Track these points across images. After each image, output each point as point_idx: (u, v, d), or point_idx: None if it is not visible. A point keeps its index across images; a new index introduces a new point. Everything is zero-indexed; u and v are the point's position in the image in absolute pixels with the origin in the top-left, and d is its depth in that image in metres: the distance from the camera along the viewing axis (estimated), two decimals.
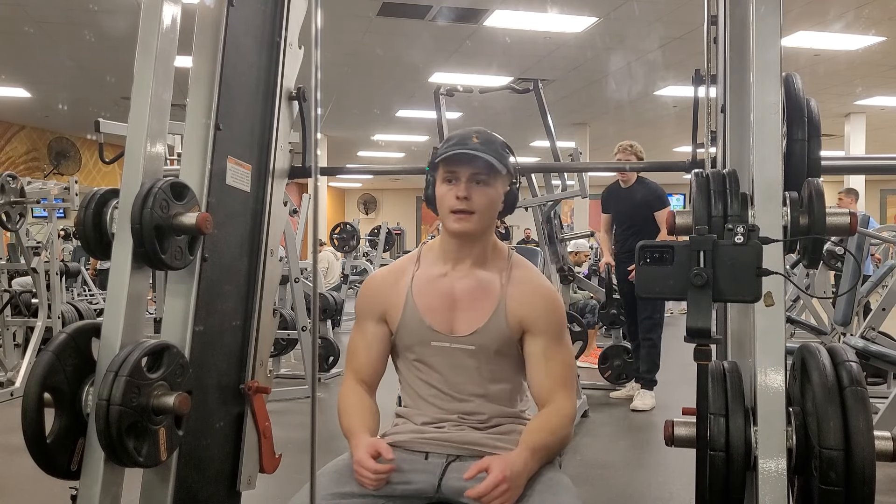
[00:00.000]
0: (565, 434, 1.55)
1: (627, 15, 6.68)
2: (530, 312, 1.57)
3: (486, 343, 1.57)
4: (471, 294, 1.59)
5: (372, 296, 1.66)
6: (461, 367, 1.58)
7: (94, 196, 1.56)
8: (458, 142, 1.56)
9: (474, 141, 1.55)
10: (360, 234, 10.05)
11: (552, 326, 1.59)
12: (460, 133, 1.59)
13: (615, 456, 3.84)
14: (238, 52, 1.78)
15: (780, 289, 1.28)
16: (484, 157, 1.52)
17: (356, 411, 1.58)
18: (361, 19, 6.92)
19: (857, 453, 1.15)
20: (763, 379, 1.26)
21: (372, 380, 1.64)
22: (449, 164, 1.55)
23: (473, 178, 1.54)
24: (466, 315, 1.58)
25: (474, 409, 1.58)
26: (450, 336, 1.58)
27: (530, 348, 1.58)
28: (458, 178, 1.55)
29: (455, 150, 1.54)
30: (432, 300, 1.59)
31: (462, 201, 1.53)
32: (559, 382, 1.56)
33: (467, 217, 1.54)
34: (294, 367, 5.92)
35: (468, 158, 1.53)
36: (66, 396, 1.44)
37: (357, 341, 1.66)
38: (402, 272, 1.65)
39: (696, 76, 1.76)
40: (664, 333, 4.78)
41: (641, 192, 4.70)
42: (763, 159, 1.36)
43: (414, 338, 1.60)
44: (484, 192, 1.55)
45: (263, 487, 1.95)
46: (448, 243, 1.61)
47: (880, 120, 11.71)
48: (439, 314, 1.58)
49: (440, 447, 1.56)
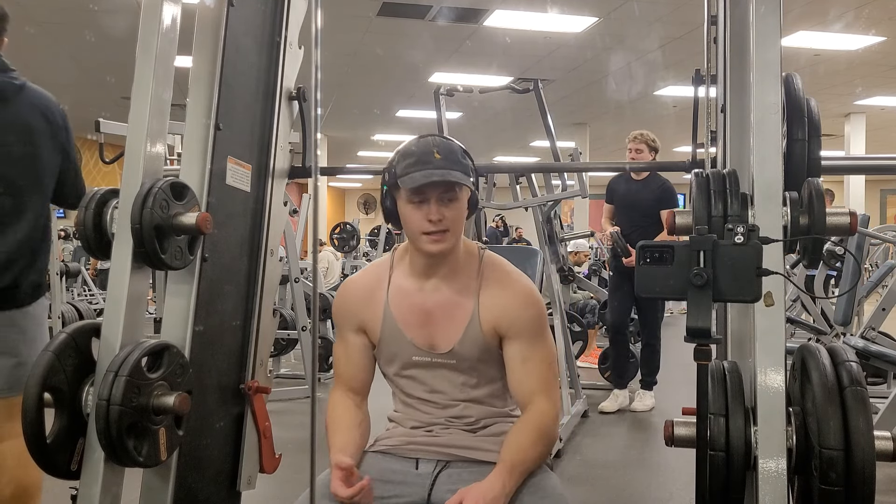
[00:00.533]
0: (548, 439, 1.53)
1: (627, 15, 6.68)
2: (504, 316, 1.54)
3: (466, 355, 1.55)
4: (444, 308, 1.56)
5: (348, 307, 1.62)
6: (444, 377, 1.58)
7: (94, 196, 1.56)
8: (419, 160, 1.46)
9: (437, 158, 1.47)
10: (360, 234, 10.05)
11: (528, 326, 1.54)
12: (418, 149, 1.49)
13: (615, 456, 3.83)
14: (238, 52, 1.78)
15: (780, 289, 1.28)
16: (454, 178, 1.45)
17: (337, 428, 1.56)
18: (361, 19, 6.92)
19: (857, 453, 1.15)
20: (763, 379, 1.26)
21: (360, 387, 1.62)
22: (418, 187, 1.46)
23: (442, 196, 1.47)
24: (443, 330, 1.55)
25: (461, 412, 1.58)
26: (430, 352, 1.56)
27: (508, 352, 1.55)
28: (426, 199, 1.47)
29: (421, 174, 1.45)
30: (409, 315, 1.56)
31: (435, 223, 1.47)
32: (538, 384, 1.53)
33: (442, 237, 1.49)
34: (294, 367, 5.92)
35: (437, 181, 1.45)
36: (66, 396, 1.44)
37: (339, 352, 1.64)
38: (378, 281, 1.61)
39: (696, 76, 1.76)
40: (663, 333, 4.77)
41: (654, 187, 4.52)
42: (763, 159, 1.36)
43: (395, 351, 1.59)
44: (454, 207, 1.49)
45: (263, 487, 1.95)
46: (418, 259, 1.56)
47: (880, 120, 11.71)
48: (417, 329, 1.56)
49: (430, 453, 1.56)
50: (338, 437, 1.55)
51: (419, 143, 1.52)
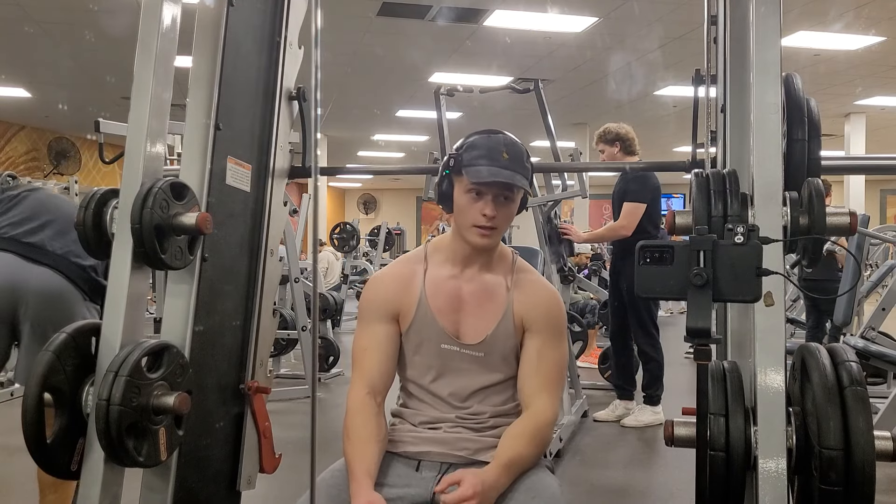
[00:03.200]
0: (543, 441, 1.55)
1: (627, 15, 6.68)
2: (531, 311, 1.59)
3: (494, 350, 1.58)
4: (477, 299, 1.59)
5: (382, 294, 1.63)
6: (466, 370, 1.59)
7: (94, 196, 1.56)
8: (488, 156, 1.52)
9: (504, 158, 1.52)
10: (359, 234, 10.06)
11: (550, 326, 1.59)
12: (488, 143, 1.55)
13: (615, 456, 3.83)
14: (238, 51, 1.78)
15: (780, 289, 1.28)
16: (518, 182, 1.51)
17: (360, 443, 1.51)
18: (361, 19, 6.92)
19: (857, 453, 1.15)
20: (763, 379, 1.26)
21: (383, 385, 1.60)
22: (482, 182, 1.52)
23: (500, 195, 1.53)
24: (473, 321, 1.58)
25: (473, 410, 1.59)
26: (459, 342, 1.58)
27: (526, 345, 1.59)
28: (485, 194, 1.53)
29: (489, 168, 1.51)
30: (442, 302, 1.59)
31: (489, 219, 1.53)
32: (546, 383, 1.56)
33: (491, 233, 1.55)
34: (294, 367, 5.92)
35: (501, 181, 1.51)
36: (66, 396, 1.44)
37: (365, 344, 1.61)
38: (412, 271, 1.64)
39: (696, 76, 1.76)
40: (662, 334, 4.66)
41: (625, 180, 4.34)
42: (763, 159, 1.36)
43: (424, 338, 1.59)
44: (508, 207, 1.56)
45: (263, 488, 1.95)
46: (460, 248, 1.60)
47: (880, 120, 11.71)
48: (448, 317, 1.58)
49: (434, 455, 1.56)
50: (357, 455, 1.49)
51: (490, 138, 1.56)
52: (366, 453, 1.49)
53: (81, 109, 10.72)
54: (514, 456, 1.48)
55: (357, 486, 1.44)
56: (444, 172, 1.59)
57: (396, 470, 1.55)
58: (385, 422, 1.59)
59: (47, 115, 11.86)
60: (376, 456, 1.51)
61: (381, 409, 1.59)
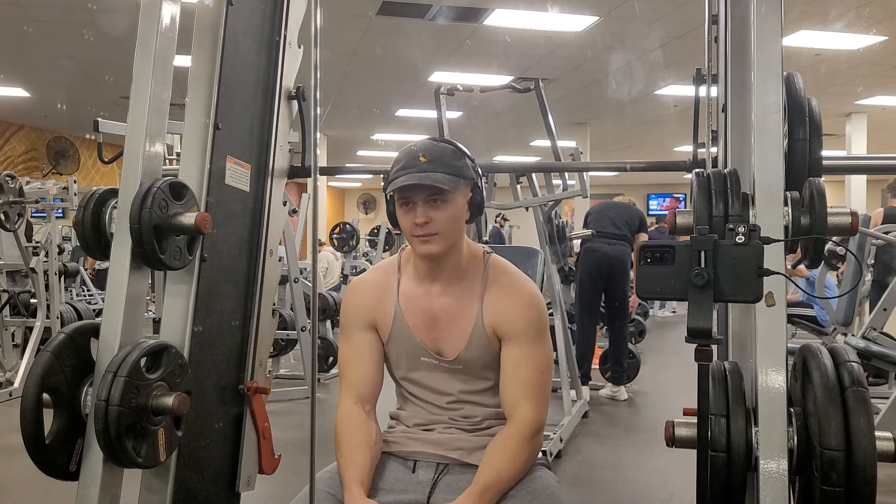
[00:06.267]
0: (530, 450, 1.51)
1: (628, 14, 6.68)
2: (504, 318, 1.54)
3: (472, 361, 1.56)
4: (449, 314, 1.56)
5: (358, 305, 1.62)
6: (450, 380, 1.58)
7: (93, 196, 1.55)
8: (405, 165, 1.50)
9: (421, 161, 1.49)
10: (359, 234, 10.04)
11: (525, 330, 1.54)
12: (407, 153, 1.52)
13: (616, 456, 3.83)
14: (237, 51, 1.78)
15: (782, 289, 1.27)
16: (433, 180, 1.46)
17: (350, 452, 1.50)
18: (361, 19, 6.91)
19: (858, 454, 1.15)
20: (764, 379, 1.26)
21: (370, 393, 1.58)
22: (401, 190, 1.49)
23: (429, 199, 1.49)
24: (449, 335, 1.56)
25: (465, 412, 1.59)
26: (438, 357, 1.57)
27: (504, 354, 1.55)
28: (412, 201, 1.50)
29: (403, 176, 1.47)
30: (416, 318, 1.57)
31: (421, 226, 1.49)
32: (526, 391, 1.52)
33: (431, 239, 1.50)
34: (294, 367, 5.92)
35: (417, 184, 1.47)
36: (65, 397, 1.44)
37: (348, 354, 1.61)
38: (386, 282, 1.62)
39: (696, 75, 1.76)
40: (662, 334, 4.73)
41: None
42: (764, 159, 1.35)
43: (402, 352, 1.59)
44: (443, 209, 1.50)
45: (263, 488, 1.94)
46: (420, 263, 1.58)
47: (881, 119, 11.70)
48: (425, 333, 1.57)
49: (429, 455, 1.56)
50: (349, 463, 1.49)
51: (411, 149, 1.54)
52: (356, 462, 1.48)
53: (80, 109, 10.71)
54: (492, 481, 1.43)
55: (349, 497, 1.43)
56: (386, 195, 1.57)
57: (393, 472, 1.55)
58: (376, 428, 1.58)
59: (46, 115, 11.85)
60: (368, 463, 1.50)
61: (370, 416, 1.57)
